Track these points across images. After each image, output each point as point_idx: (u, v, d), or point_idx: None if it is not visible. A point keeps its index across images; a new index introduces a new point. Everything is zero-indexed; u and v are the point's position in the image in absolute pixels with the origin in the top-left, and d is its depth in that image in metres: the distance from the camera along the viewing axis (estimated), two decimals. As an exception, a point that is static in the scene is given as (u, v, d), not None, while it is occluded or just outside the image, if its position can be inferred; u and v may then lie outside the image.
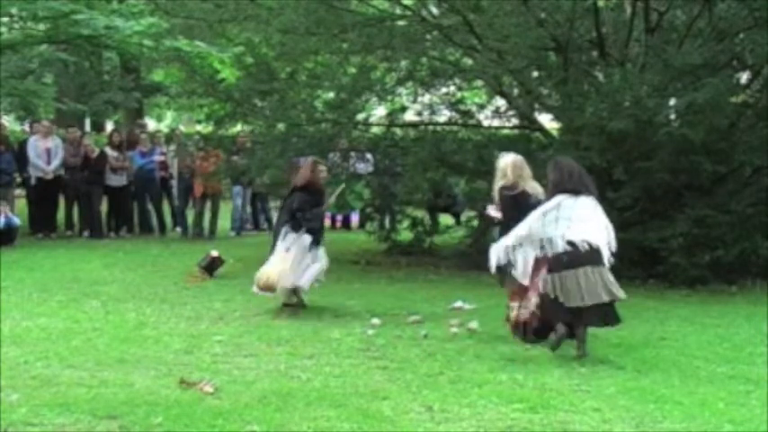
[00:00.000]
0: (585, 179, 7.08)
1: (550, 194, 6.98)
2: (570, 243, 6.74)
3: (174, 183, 15.05)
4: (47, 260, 11.63)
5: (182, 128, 22.49)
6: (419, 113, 12.62)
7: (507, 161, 7.58)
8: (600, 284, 6.68)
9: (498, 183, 7.54)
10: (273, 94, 12.27)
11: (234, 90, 12.88)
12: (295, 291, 8.48)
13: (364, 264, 11.91)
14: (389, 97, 12.85)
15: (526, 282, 7.09)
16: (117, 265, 11.47)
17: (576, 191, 6.90)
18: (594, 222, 6.88)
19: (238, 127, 14.17)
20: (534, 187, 7.52)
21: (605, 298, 6.70)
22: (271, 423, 5.05)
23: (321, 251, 8.61)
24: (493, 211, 7.66)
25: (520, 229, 6.98)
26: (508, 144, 12.13)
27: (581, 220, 6.81)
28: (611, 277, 6.76)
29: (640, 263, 10.55)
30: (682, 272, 10.16)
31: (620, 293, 6.77)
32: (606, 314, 6.79)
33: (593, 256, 6.72)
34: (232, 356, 6.69)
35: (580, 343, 6.81)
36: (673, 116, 10.86)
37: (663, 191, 10.51)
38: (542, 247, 6.85)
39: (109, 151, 14.38)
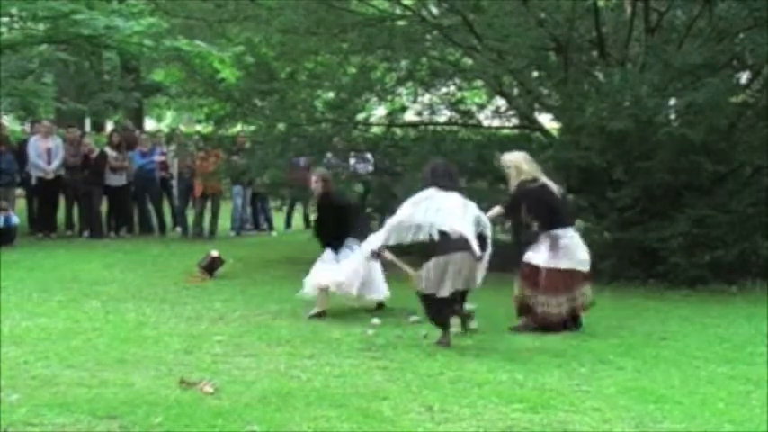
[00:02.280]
0: (455, 177, 7.52)
1: (422, 189, 7.37)
2: (442, 233, 7.07)
3: (174, 183, 15.05)
4: (47, 260, 11.63)
5: (182, 128, 22.49)
6: (419, 113, 12.61)
7: (518, 157, 7.86)
8: (467, 271, 7.05)
9: (518, 179, 7.75)
10: (273, 94, 12.26)
11: (234, 90, 12.88)
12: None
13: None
14: (389, 97, 12.85)
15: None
16: (117, 265, 11.47)
17: (445, 186, 7.26)
18: (464, 217, 7.20)
19: (238, 127, 14.17)
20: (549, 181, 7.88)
21: (469, 285, 7.15)
22: (271, 423, 5.05)
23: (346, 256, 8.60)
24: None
25: (391, 221, 7.40)
26: (508, 144, 12.14)
27: (451, 213, 7.15)
28: (474, 265, 7.11)
29: (640, 263, 10.56)
30: (682, 272, 10.16)
31: (475, 284, 7.19)
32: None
33: (461, 243, 7.04)
34: (232, 356, 6.69)
35: (465, 320, 7.29)
36: (673, 116, 10.87)
37: (663, 191, 10.51)
38: (414, 234, 7.22)
39: (108, 151, 14.38)
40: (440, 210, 7.13)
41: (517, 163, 7.78)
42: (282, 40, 11.89)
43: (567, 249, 7.70)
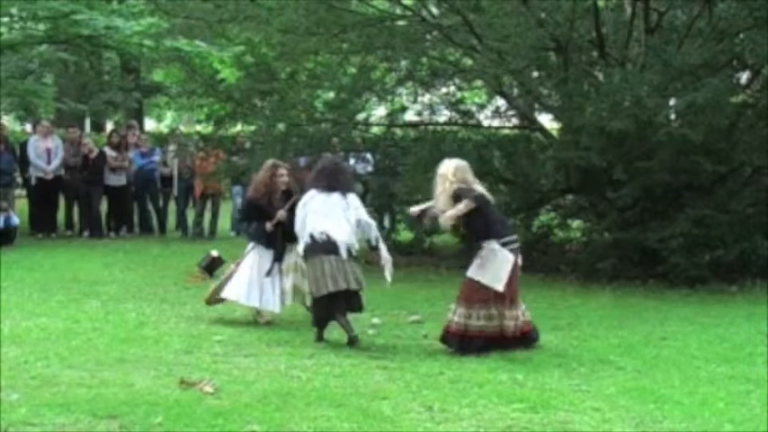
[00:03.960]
0: (341, 176, 7.44)
1: (305, 191, 7.43)
2: (311, 236, 7.16)
3: (175, 182, 15.03)
4: (47, 260, 11.63)
5: (182, 128, 22.46)
6: (419, 113, 12.63)
7: (449, 165, 7.22)
8: (340, 273, 7.08)
9: (444, 187, 7.12)
10: (273, 94, 12.27)
11: (234, 90, 12.88)
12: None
13: (363, 263, 11.83)
14: (389, 97, 12.86)
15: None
16: (117, 265, 11.47)
17: (327, 187, 7.29)
18: (338, 218, 7.22)
19: (238, 127, 14.17)
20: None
21: (343, 286, 7.10)
22: (271, 423, 5.05)
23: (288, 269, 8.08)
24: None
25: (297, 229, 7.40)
26: (508, 144, 12.16)
27: (325, 216, 7.20)
28: (350, 267, 7.18)
29: (640, 263, 10.57)
30: (682, 272, 10.16)
31: (354, 285, 7.18)
32: (350, 301, 7.26)
33: (329, 246, 7.11)
34: (232, 356, 6.69)
35: (346, 329, 7.18)
36: (673, 116, 10.86)
37: (663, 191, 10.51)
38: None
39: (108, 151, 14.38)
40: (316, 212, 7.20)
41: (443, 173, 7.17)
42: (282, 40, 11.89)
43: (483, 260, 7.01)
